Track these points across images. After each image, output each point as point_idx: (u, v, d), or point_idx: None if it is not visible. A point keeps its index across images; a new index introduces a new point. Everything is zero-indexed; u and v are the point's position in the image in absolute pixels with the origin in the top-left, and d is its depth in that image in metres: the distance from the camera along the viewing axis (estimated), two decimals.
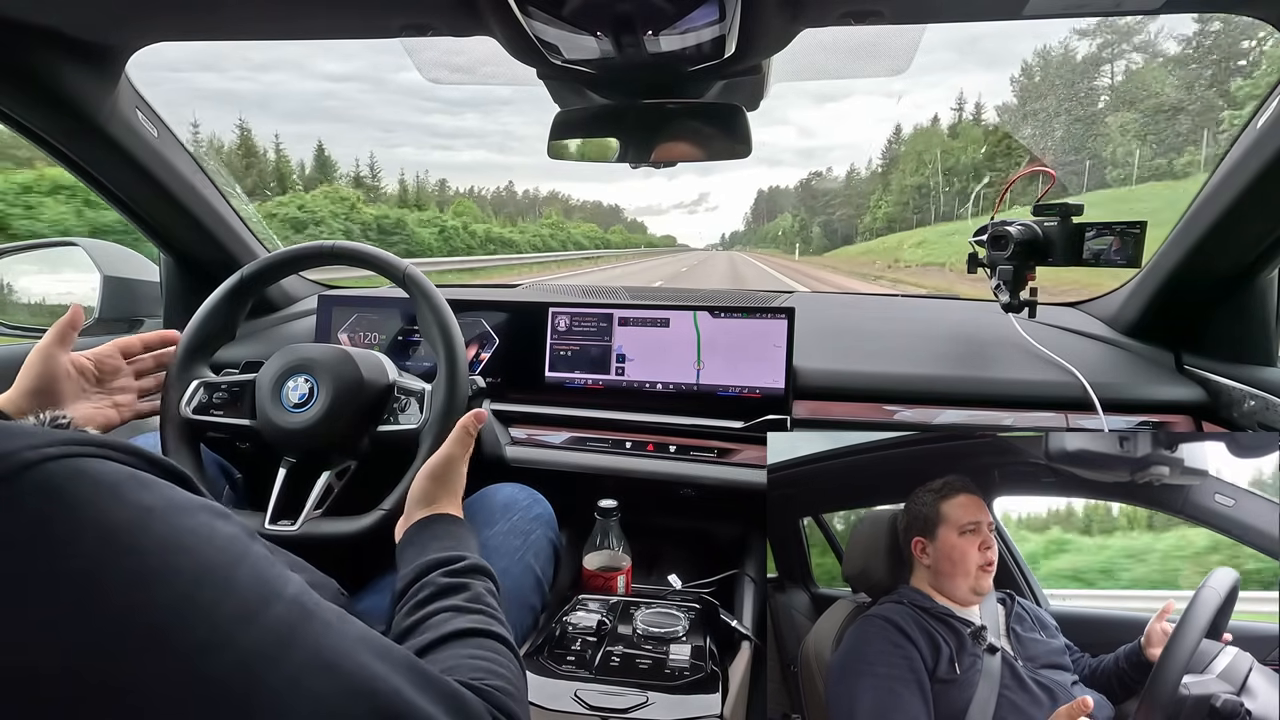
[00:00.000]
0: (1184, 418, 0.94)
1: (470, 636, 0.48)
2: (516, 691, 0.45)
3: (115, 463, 0.31)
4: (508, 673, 0.46)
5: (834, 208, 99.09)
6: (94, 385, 0.77)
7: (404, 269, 0.84)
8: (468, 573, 0.56)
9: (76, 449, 0.30)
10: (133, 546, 0.29)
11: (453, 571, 0.55)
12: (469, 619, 0.50)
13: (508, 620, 0.77)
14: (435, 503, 0.65)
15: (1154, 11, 0.72)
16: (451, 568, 0.56)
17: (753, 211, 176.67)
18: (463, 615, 0.50)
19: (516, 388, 1.10)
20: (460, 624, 0.49)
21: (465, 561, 0.57)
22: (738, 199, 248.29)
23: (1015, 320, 1.02)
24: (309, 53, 43.12)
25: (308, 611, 0.33)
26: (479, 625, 0.50)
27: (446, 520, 0.63)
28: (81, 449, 0.30)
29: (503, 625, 0.52)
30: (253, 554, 0.33)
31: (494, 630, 0.50)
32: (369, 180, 68.18)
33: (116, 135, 0.96)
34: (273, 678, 0.30)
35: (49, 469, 0.28)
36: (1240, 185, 0.81)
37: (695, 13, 0.67)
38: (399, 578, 0.57)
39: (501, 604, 0.56)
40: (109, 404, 0.77)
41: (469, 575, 0.55)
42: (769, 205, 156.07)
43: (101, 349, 0.78)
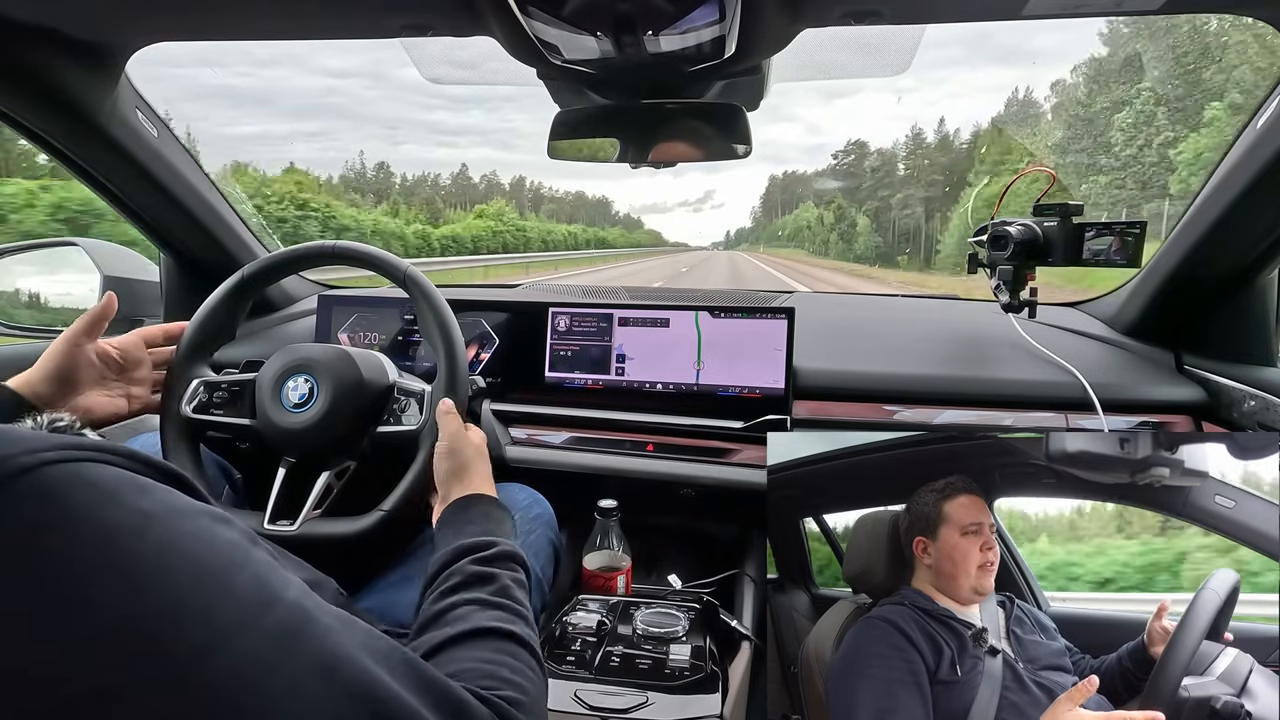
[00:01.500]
0: (1184, 418, 0.94)
1: (489, 637, 0.48)
2: (529, 700, 0.44)
3: (114, 467, 0.31)
4: (523, 679, 0.46)
5: (892, 187, 72.08)
6: (115, 374, 0.77)
7: (404, 269, 0.84)
8: (498, 560, 0.56)
9: (73, 454, 0.29)
10: (129, 551, 0.28)
11: (483, 559, 0.56)
12: (491, 615, 0.50)
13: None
14: (465, 480, 0.67)
15: (1154, 12, 0.72)
16: (482, 554, 0.56)
17: (763, 204, 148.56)
18: (486, 610, 0.50)
19: (516, 388, 1.10)
20: (482, 621, 0.49)
21: (496, 548, 0.57)
22: (745, 195, 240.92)
23: (1015, 320, 1.02)
24: (312, 48, 43.19)
25: (309, 616, 0.33)
26: (500, 624, 0.49)
27: (482, 502, 0.65)
28: (79, 454, 0.30)
29: (526, 622, 0.52)
30: (253, 559, 0.33)
31: (515, 631, 0.50)
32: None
33: (116, 135, 0.96)
34: (270, 683, 0.30)
35: (45, 474, 0.28)
36: (1240, 185, 0.81)
37: (695, 13, 0.66)
38: (432, 560, 0.57)
39: (529, 595, 0.56)
40: (121, 394, 0.77)
41: (499, 564, 0.56)
42: (784, 195, 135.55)
43: (126, 338, 0.79)
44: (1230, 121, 17.51)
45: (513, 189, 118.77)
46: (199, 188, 1.11)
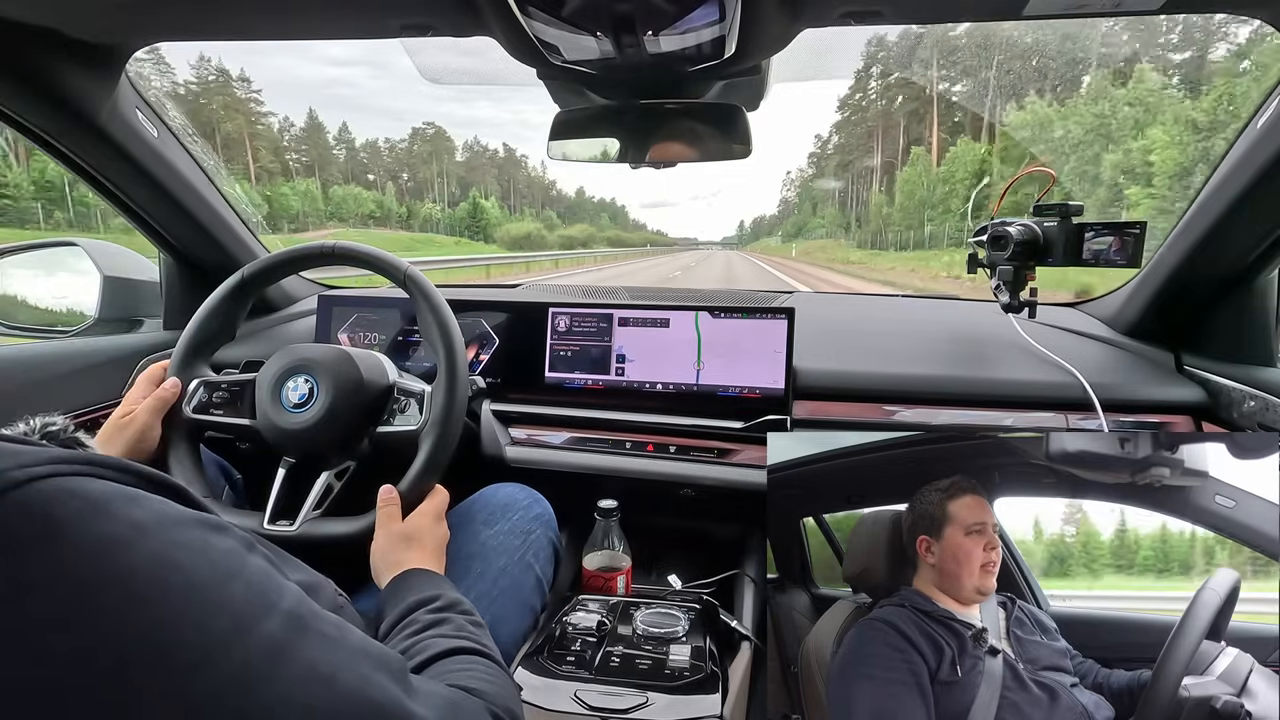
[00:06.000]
0: (1184, 418, 0.94)
1: (459, 654, 0.51)
2: (507, 697, 0.47)
3: (105, 481, 0.31)
4: (502, 681, 0.49)
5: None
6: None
7: (404, 269, 0.84)
8: (448, 608, 0.58)
9: (66, 468, 0.29)
10: (123, 564, 0.28)
11: (435, 609, 0.58)
12: (456, 640, 0.52)
13: (507, 619, 0.78)
14: (397, 562, 0.68)
15: (1154, 12, 0.72)
16: (433, 605, 0.58)
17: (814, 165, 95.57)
18: (450, 639, 0.53)
19: (516, 388, 1.10)
20: (448, 644, 0.51)
21: (443, 599, 0.59)
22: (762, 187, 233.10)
23: (1015, 320, 1.02)
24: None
25: (304, 624, 0.33)
26: (466, 645, 0.52)
27: (415, 574, 0.66)
28: (71, 468, 0.30)
29: (488, 647, 0.54)
30: (249, 567, 0.33)
31: (481, 649, 0.53)
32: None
33: (116, 135, 0.96)
34: (267, 692, 0.30)
35: (37, 489, 0.28)
36: (1240, 185, 0.81)
37: (695, 13, 0.66)
38: (383, 625, 0.59)
39: (487, 633, 0.58)
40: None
41: (450, 610, 0.58)
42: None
43: (137, 394, 0.80)
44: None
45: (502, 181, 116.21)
46: (199, 188, 1.11)
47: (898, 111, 66.64)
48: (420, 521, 0.73)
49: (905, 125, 63.88)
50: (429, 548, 0.71)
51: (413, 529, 0.72)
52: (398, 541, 0.70)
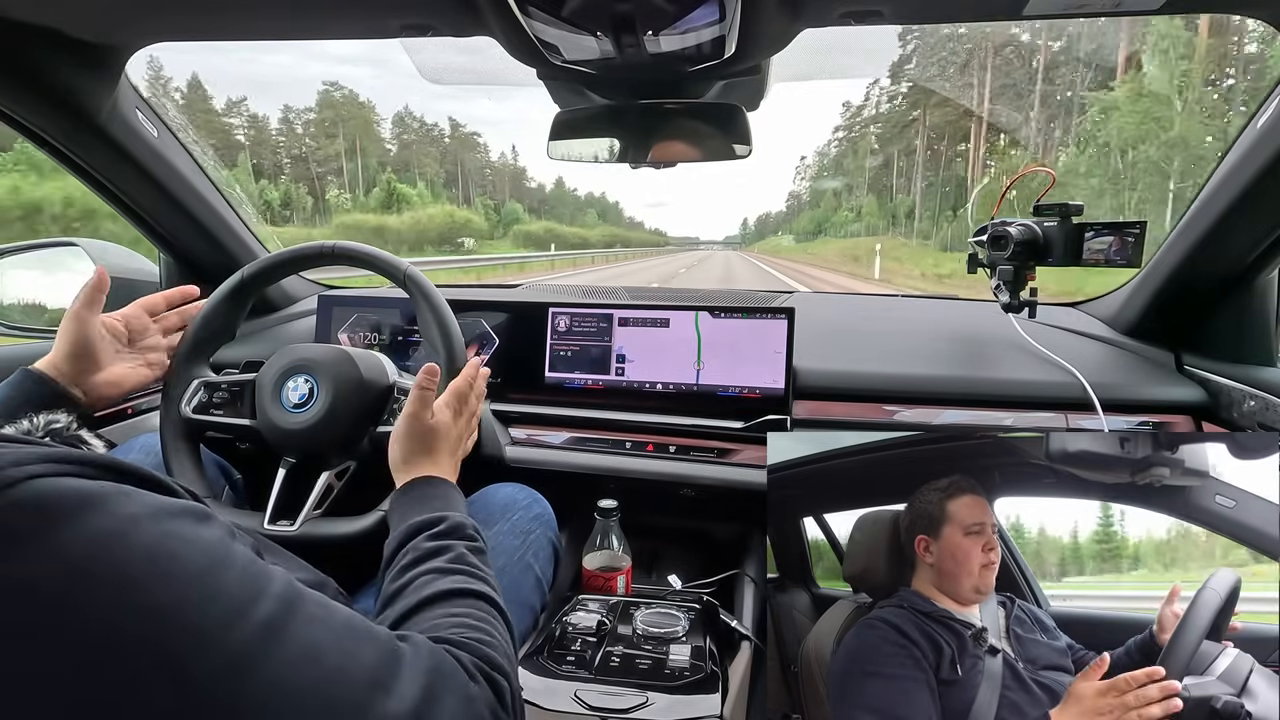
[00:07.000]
0: (1184, 418, 0.94)
1: (452, 598, 0.50)
2: (499, 642, 0.47)
3: (96, 480, 0.31)
4: (489, 627, 0.48)
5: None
6: (126, 346, 0.79)
7: (404, 269, 0.84)
8: (451, 533, 0.57)
9: (57, 467, 0.30)
10: (120, 555, 0.29)
11: (436, 534, 0.57)
12: (451, 580, 0.51)
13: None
14: (411, 464, 0.67)
15: (1154, 12, 0.72)
16: (434, 530, 0.57)
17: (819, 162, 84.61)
18: (445, 577, 0.52)
19: (516, 388, 1.10)
20: (442, 585, 0.50)
21: (447, 522, 0.58)
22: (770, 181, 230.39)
23: (1015, 320, 1.02)
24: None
25: (293, 606, 0.34)
26: (460, 585, 0.51)
27: (426, 483, 0.65)
28: (65, 467, 0.31)
29: (484, 582, 0.53)
30: (236, 554, 0.34)
31: (475, 589, 0.51)
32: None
33: (116, 135, 0.96)
34: (261, 675, 0.31)
35: (31, 487, 0.29)
36: (1240, 185, 0.81)
37: (695, 13, 0.67)
38: (386, 544, 0.58)
39: (486, 560, 0.57)
40: (143, 363, 0.79)
41: (452, 536, 0.57)
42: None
43: (128, 309, 0.80)
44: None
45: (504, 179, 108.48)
46: (199, 188, 1.12)
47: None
48: (444, 418, 0.71)
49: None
50: (444, 452, 0.69)
51: (437, 427, 0.69)
52: (418, 440, 0.68)
